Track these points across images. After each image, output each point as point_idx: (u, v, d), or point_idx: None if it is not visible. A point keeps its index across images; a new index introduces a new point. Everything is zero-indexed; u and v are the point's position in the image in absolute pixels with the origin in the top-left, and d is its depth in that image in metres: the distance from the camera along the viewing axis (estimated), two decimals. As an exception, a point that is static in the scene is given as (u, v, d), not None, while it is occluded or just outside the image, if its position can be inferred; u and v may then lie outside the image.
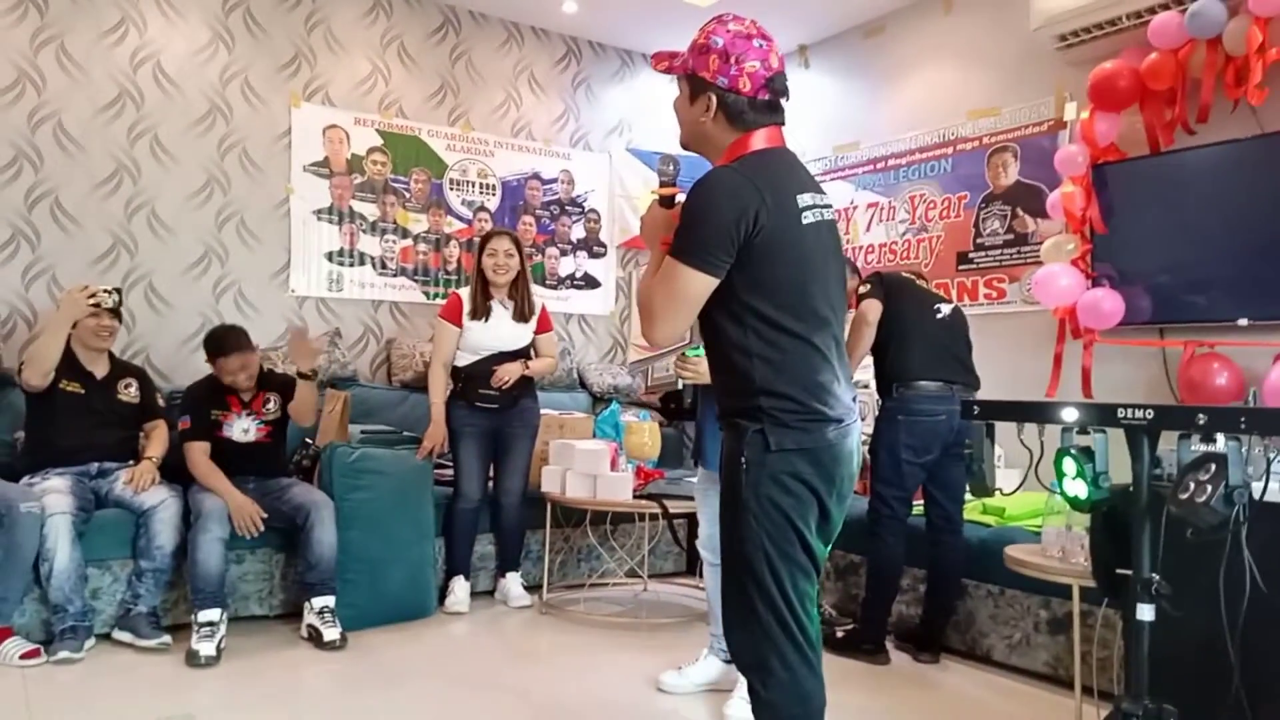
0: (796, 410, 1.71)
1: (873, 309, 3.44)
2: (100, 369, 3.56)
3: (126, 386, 3.62)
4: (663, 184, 1.96)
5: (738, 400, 1.75)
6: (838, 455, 1.75)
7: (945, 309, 3.53)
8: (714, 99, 1.79)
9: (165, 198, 4.39)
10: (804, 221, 1.75)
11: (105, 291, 3.45)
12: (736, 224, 1.68)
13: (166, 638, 3.26)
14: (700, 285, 1.70)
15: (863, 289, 3.54)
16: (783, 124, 1.85)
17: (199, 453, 3.53)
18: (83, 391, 3.48)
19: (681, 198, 1.84)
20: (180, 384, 4.16)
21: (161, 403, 3.80)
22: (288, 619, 3.66)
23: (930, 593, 3.49)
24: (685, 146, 1.91)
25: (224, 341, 3.61)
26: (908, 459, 3.38)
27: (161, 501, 3.39)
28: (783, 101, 1.84)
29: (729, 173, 1.75)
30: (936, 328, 3.47)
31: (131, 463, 3.56)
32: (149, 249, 4.35)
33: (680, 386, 3.46)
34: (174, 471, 3.74)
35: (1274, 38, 3.28)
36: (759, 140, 1.80)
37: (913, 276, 3.68)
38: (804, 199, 1.77)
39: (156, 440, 3.66)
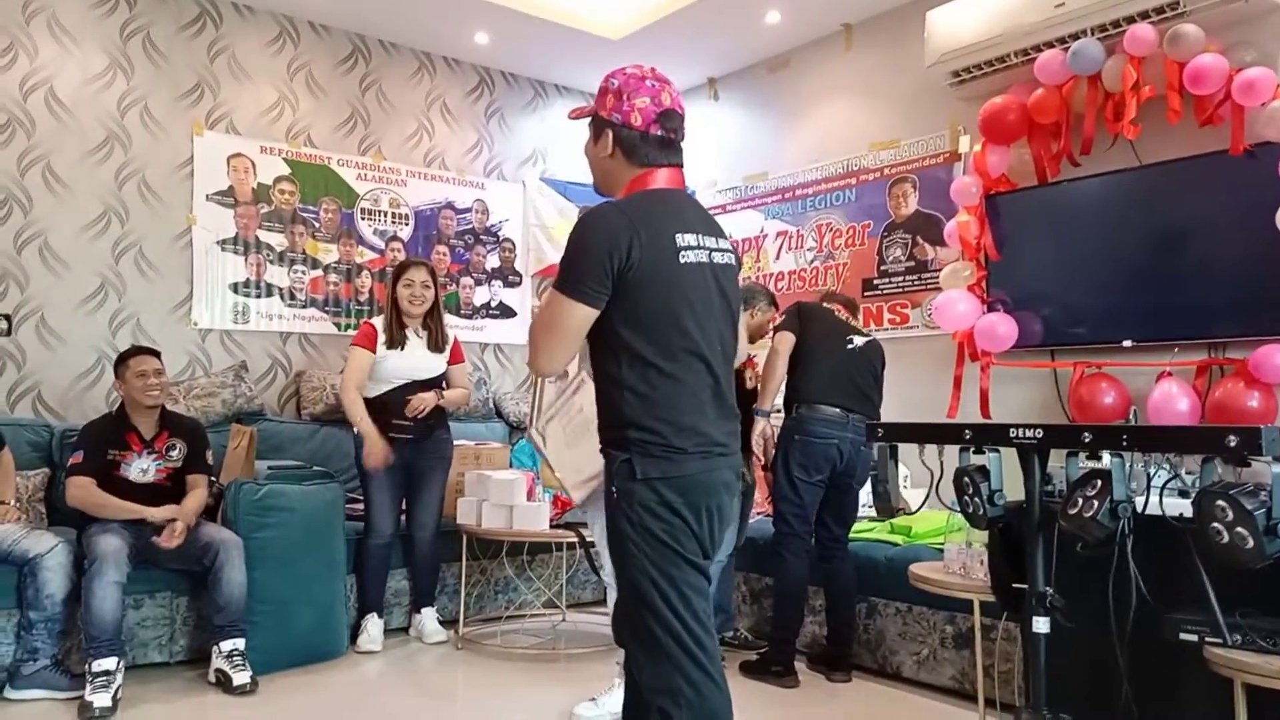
0: (661, 444, 1.75)
1: (784, 341, 3.55)
2: None
3: None
4: None
5: (610, 430, 1.81)
6: (706, 485, 1.79)
7: (859, 341, 3.64)
8: (610, 135, 1.88)
9: (59, 228, 4.23)
10: (681, 260, 1.80)
11: None
12: (609, 255, 1.73)
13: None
14: (577, 315, 1.76)
15: (778, 320, 3.64)
16: (681, 166, 1.93)
17: (87, 485, 3.37)
18: None
19: None
20: (74, 422, 3.99)
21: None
22: (192, 665, 3.52)
23: (830, 612, 3.60)
24: (597, 190, 1.99)
25: (135, 348, 3.60)
26: (800, 477, 3.49)
27: (51, 548, 3.22)
28: (678, 140, 1.91)
29: (607, 207, 1.82)
30: (844, 357, 3.58)
31: None
32: (41, 282, 4.18)
33: None
34: (65, 513, 3.58)
35: (1147, 76, 3.50)
36: (657, 180, 1.87)
37: (834, 308, 3.77)
38: (685, 238, 1.81)
39: (7, 479, 3.50)
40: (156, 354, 3.61)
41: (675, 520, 1.75)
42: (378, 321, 4.04)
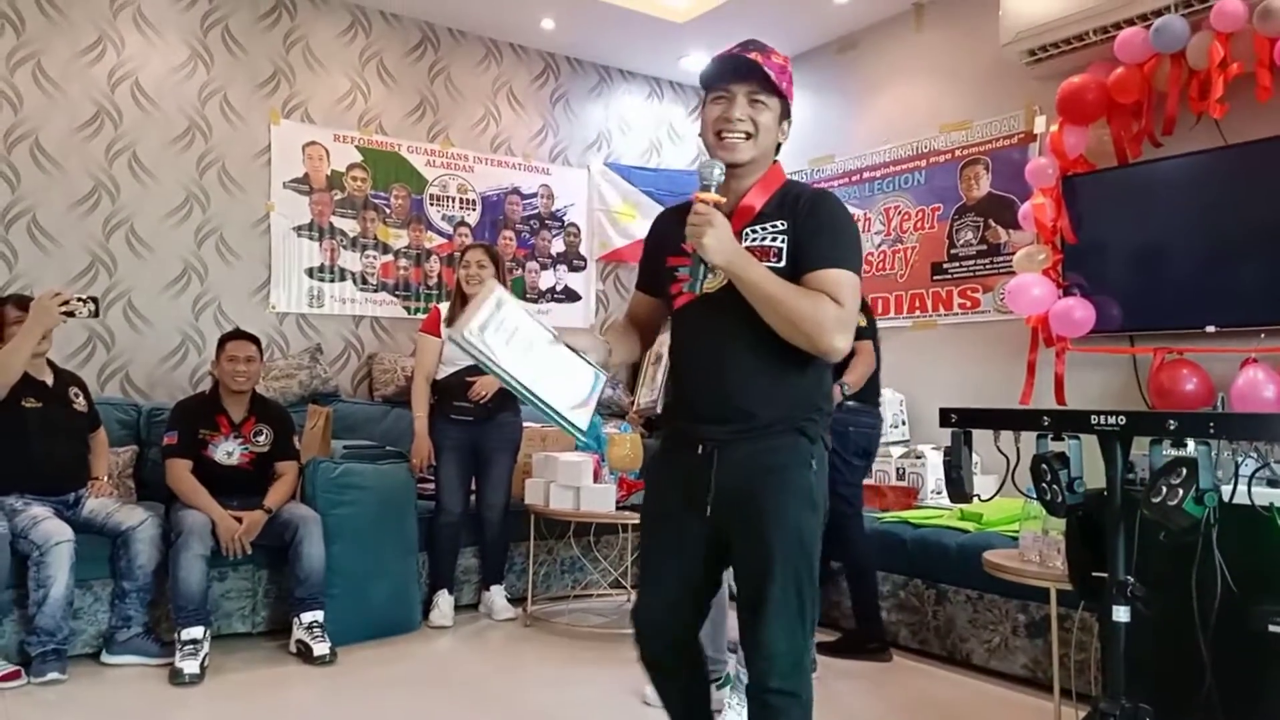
0: (829, 415, 1.88)
1: (871, 351, 3.59)
2: (47, 376, 3.47)
3: (76, 395, 3.55)
4: (705, 188, 1.74)
5: (803, 406, 1.80)
6: None
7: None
8: (789, 125, 1.91)
9: (144, 215, 4.38)
10: None
11: (80, 300, 3.21)
12: None
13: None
14: None
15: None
16: None
17: (183, 469, 3.52)
18: (40, 405, 3.38)
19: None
20: (160, 401, 4.16)
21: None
22: (273, 635, 3.65)
23: (853, 589, 3.64)
24: (742, 163, 1.80)
25: (237, 331, 3.74)
26: (856, 462, 3.63)
27: (141, 522, 3.37)
28: None
29: None
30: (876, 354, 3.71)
31: (90, 484, 3.53)
32: (128, 267, 4.34)
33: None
34: (153, 489, 3.73)
35: (1235, 53, 3.38)
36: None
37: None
38: None
39: (102, 457, 3.65)
40: (255, 341, 3.71)
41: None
42: (444, 306, 4.13)
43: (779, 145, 1.89)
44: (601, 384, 1.82)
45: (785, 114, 1.87)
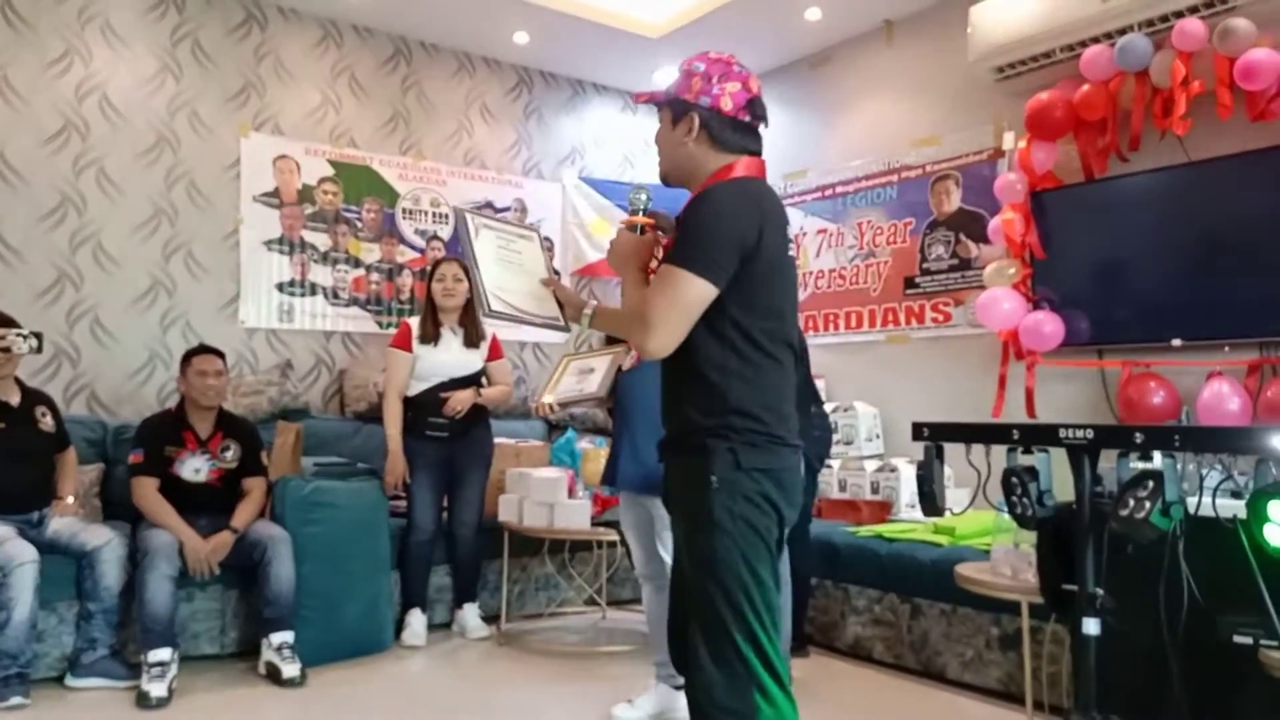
0: (764, 432, 1.72)
1: None
2: (13, 397, 3.41)
3: (43, 415, 3.49)
4: (633, 213, 1.96)
5: (705, 418, 1.72)
6: (796, 479, 1.79)
7: None
8: (696, 119, 1.81)
9: (111, 230, 4.33)
10: (788, 252, 1.83)
11: (20, 335, 3.18)
12: (743, 236, 1.71)
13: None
14: (702, 293, 1.69)
15: None
16: (761, 154, 1.88)
17: (149, 488, 3.46)
18: (3, 426, 3.32)
19: (647, 225, 1.93)
20: (127, 418, 4.10)
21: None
22: (242, 657, 3.59)
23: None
24: (665, 179, 1.92)
25: (202, 347, 3.69)
26: None
27: (107, 542, 3.31)
28: (761, 130, 1.89)
29: (735, 186, 1.77)
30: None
31: (54, 503, 3.47)
32: (95, 282, 4.28)
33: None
34: (119, 508, 3.67)
35: (1196, 71, 3.44)
36: (744, 168, 1.82)
37: None
38: (788, 230, 1.85)
39: (69, 476, 3.58)
40: (221, 355, 3.68)
41: (772, 514, 1.72)
42: (414, 321, 4.10)
43: (721, 143, 1.82)
44: (552, 327, 2.11)
45: (680, 113, 1.85)
